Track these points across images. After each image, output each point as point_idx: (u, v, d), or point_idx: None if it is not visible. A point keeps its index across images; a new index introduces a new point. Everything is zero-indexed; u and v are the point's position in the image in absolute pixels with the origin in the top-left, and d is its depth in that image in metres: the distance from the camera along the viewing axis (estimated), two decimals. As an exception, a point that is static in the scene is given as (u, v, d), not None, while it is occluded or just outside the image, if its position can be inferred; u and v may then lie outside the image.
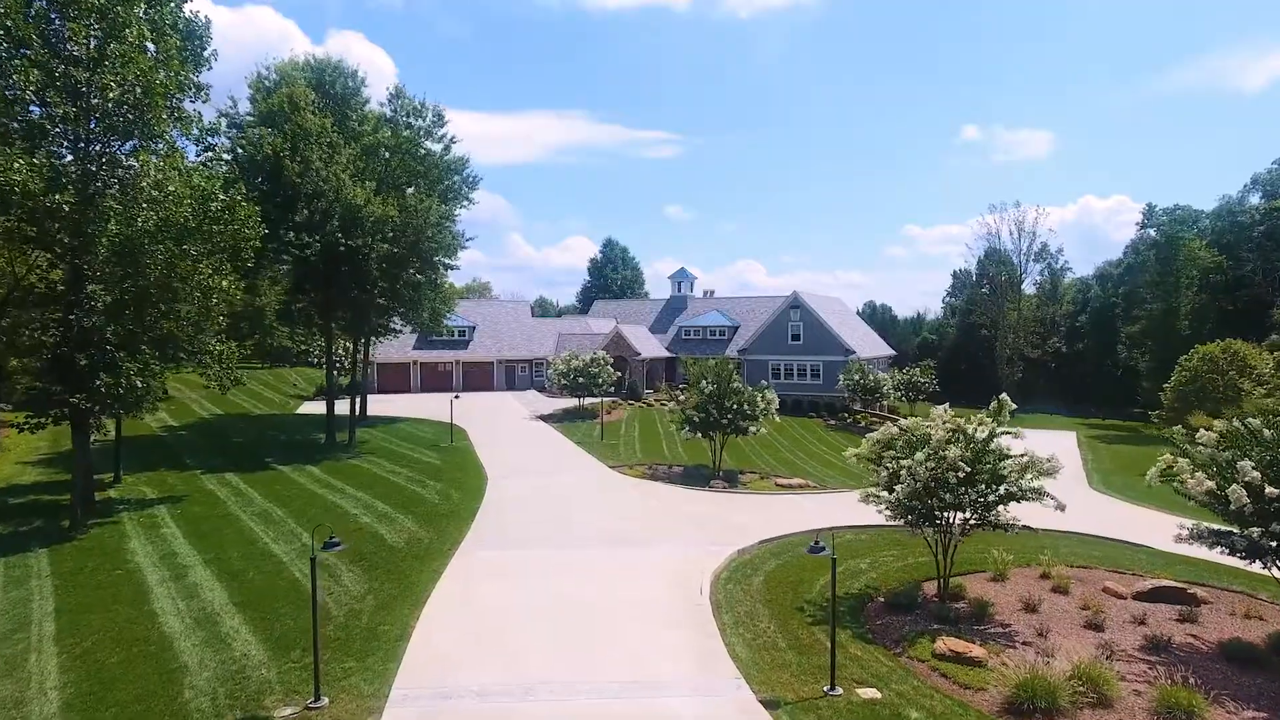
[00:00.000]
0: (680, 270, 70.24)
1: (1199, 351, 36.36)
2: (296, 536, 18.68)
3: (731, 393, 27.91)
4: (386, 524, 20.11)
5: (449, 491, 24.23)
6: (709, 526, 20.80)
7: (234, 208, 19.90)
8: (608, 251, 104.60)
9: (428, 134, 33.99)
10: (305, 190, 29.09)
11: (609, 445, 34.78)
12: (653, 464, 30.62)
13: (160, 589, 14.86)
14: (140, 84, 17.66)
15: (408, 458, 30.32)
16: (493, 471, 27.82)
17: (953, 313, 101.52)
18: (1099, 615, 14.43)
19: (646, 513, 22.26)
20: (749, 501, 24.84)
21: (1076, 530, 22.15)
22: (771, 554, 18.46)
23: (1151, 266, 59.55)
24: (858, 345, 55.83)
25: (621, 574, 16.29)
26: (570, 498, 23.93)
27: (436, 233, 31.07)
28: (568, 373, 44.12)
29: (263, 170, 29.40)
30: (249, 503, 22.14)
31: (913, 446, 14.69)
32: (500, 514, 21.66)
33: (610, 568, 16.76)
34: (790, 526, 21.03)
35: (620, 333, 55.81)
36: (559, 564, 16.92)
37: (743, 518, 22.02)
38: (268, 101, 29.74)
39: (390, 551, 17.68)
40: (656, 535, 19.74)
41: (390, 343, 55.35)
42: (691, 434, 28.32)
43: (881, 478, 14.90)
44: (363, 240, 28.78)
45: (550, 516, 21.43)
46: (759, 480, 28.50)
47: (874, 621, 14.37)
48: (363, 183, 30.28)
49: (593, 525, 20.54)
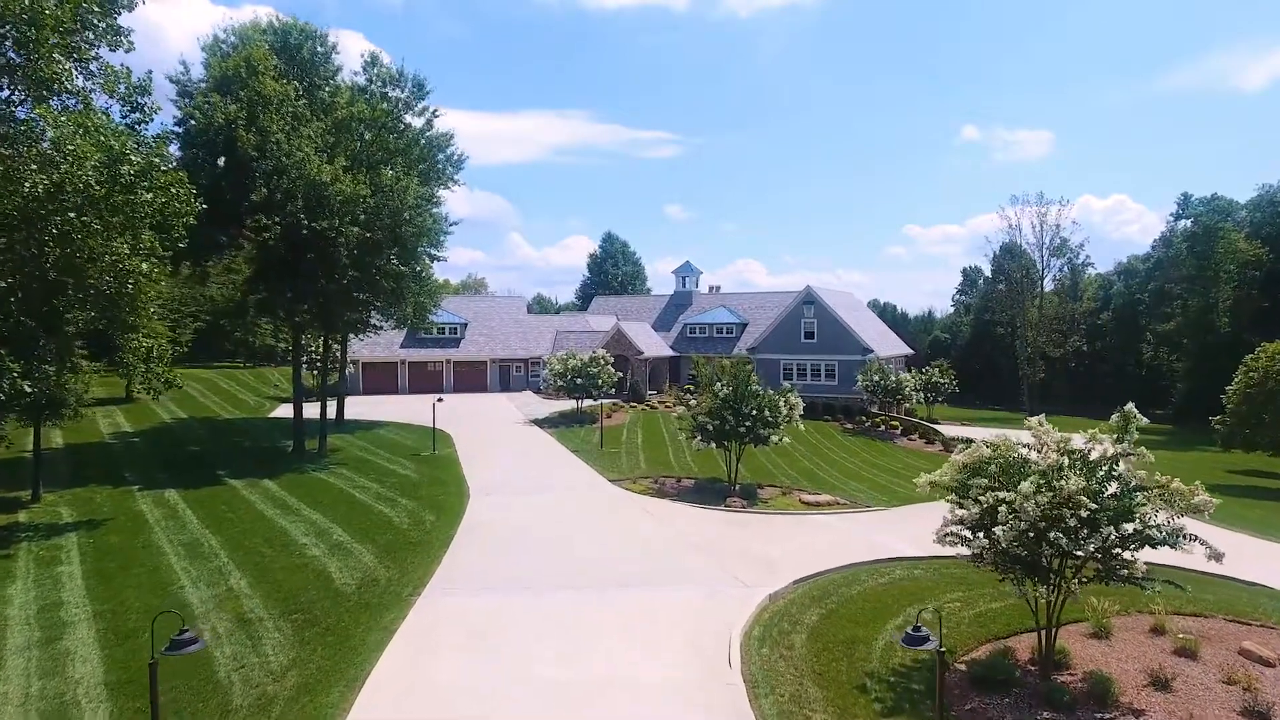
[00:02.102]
0: (685, 264, 66.56)
1: (1267, 350, 32.79)
2: (222, 578, 15.12)
3: (749, 396, 24.36)
4: (340, 558, 16.56)
5: (421, 514, 20.68)
6: (729, 559, 17.24)
7: (151, 171, 16.30)
8: (607, 246, 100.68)
9: (407, 106, 30.41)
10: (265, 166, 25.56)
11: (609, 454, 31.24)
12: (658, 476, 27.07)
13: (16, 660, 11.31)
14: (24, 12, 14.10)
15: (382, 470, 26.77)
16: (476, 487, 24.28)
17: (966, 310, 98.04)
18: (1254, 694, 10.87)
19: (653, 541, 18.68)
20: (772, 524, 21.27)
21: (1162, 561, 18.58)
22: (811, 599, 14.91)
23: (1187, 260, 55.88)
24: (875, 343, 52.22)
25: (624, 634, 12.73)
26: (563, 521, 20.38)
27: (416, 215, 27.51)
28: (564, 373, 40.52)
29: (215, 144, 25.87)
30: (180, 529, 18.58)
31: (1011, 473, 11.12)
32: (478, 543, 18.11)
33: (610, 624, 13.19)
34: (827, 558, 17.48)
35: (621, 330, 52.25)
36: (545, 617, 13.36)
37: (768, 546, 18.45)
38: (223, 65, 26.17)
39: (336, 599, 14.13)
40: (667, 572, 16.19)
41: (376, 340, 51.86)
42: (704, 444, 24.74)
43: (969, 514, 11.29)
44: (329, 222, 25.22)
45: (538, 546, 17.88)
46: (780, 496, 24.94)
47: (960, 706, 10.81)
48: (332, 159, 26.73)
49: (589, 558, 16.99)
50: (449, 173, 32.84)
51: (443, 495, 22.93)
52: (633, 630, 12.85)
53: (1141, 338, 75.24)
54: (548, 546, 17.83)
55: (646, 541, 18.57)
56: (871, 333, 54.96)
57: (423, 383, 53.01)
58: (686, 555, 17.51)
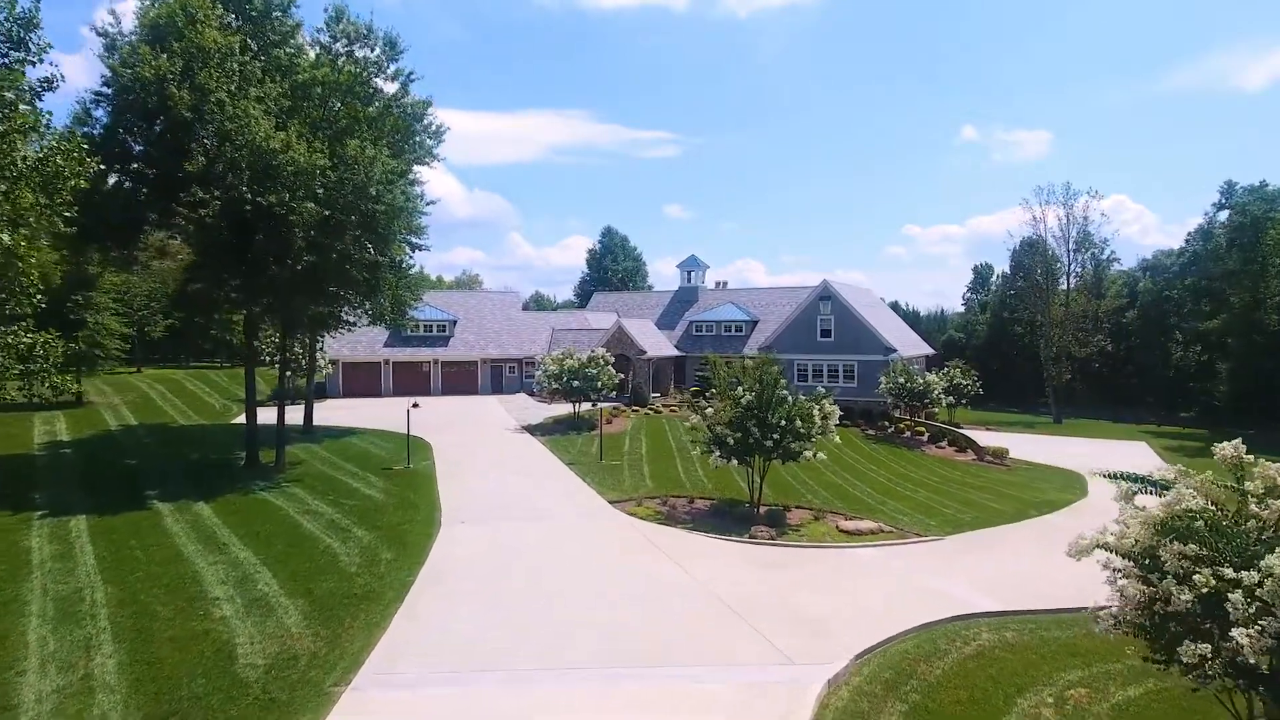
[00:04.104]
0: (690, 258, 62.50)
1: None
2: (86, 655, 11.18)
3: (777, 403, 20.45)
4: (256, 620, 12.62)
5: (378, 550, 16.75)
6: (766, 619, 13.31)
7: (12, 113, 12.36)
8: (607, 241, 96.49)
9: (378, 68, 26.43)
10: (205, 132, 21.63)
11: (609, 467, 27.30)
12: (667, 497, 23.14)
13: None
14: None
15: (343, 489, 22.84)
16: (451, 511, 20.37)
17: (982, 308, 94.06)
18: None
19: (667, 593, 14.73)
20: (810, 563, 17.33)
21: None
22: (883, 685, 10.99)
23: (1232, 253, 51.85)
24: (896, 343, 48.28)
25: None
26: (552, 562, 16.43)
27: (385, 192, 23.57)
28: (560, 374, 36.55)
29: (145, 106, 21.93)
30: (66, 575, 14.63)
31: (1233, 538, 7.18)
32: (442, 595, 14.18)
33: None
34: (890, 617, 13.57)
35: (623, 327, 48.28)
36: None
37: (813, 599, 14.52)
38: (156, 12, 22.22)
39: (230, 693, 10.19)
40: (688, 644, 12.25)
41: (357, 339, 47.95)
42: (723, 460, 20.79)
43: (1177, 601, 7.28)
44: (279, 197, 21.26)
45: (518, 600, 13.96)
46: (813, 522, 20.99)
47: None
48: (286, 125, 22.78)
49: (580, 621, 13.04)
50: (427, 145, 28.86)
51: (408, 524, 18.98)
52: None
53: (1170, 337, 71.30)
54: (531, 601, 13.89)
55: (658, 594, 14.64)
56: (892, 331, 51.03)
57: (408, 384, 49.06)
58: (710, 615, 13.57)
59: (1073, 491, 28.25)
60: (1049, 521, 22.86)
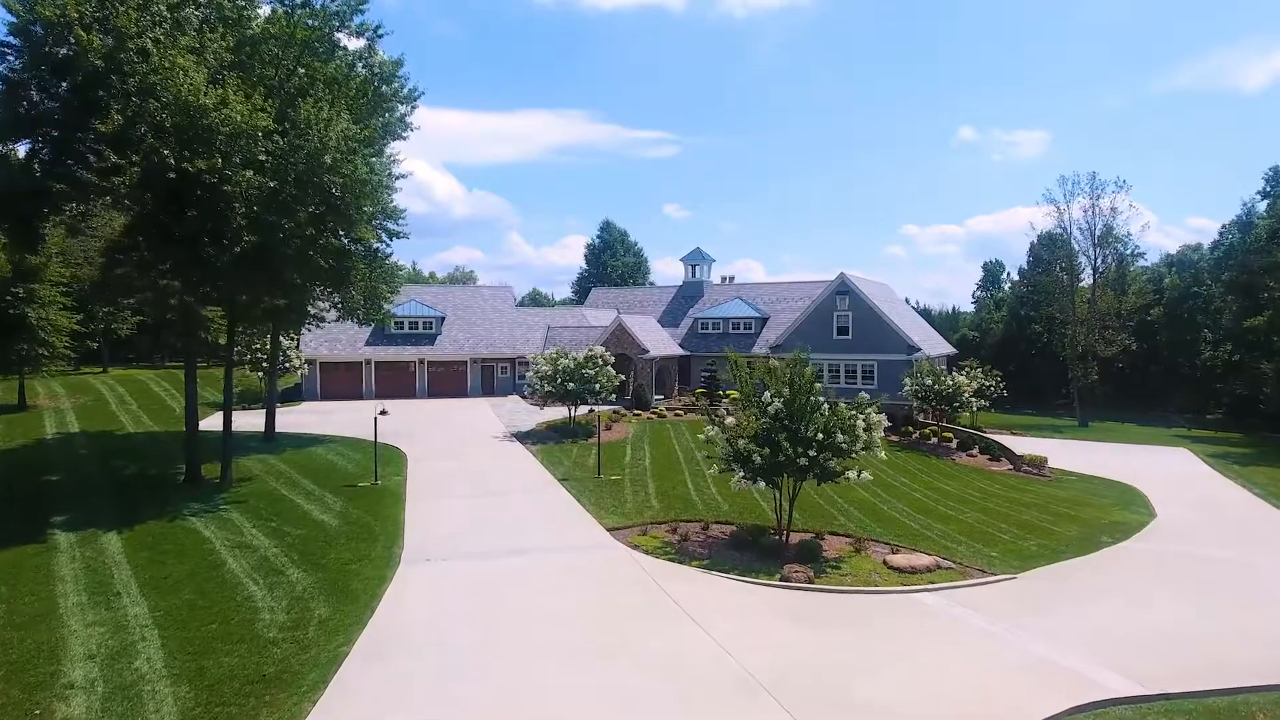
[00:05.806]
0: (695, 251, 58.76)
1: None
2: None
3: (812, 412, 16.82)
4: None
5: (311, 603, 13.08)
6: (809, 715, 9.65)
7: None
8: (606, 235, 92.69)
9: (340, 20, 22.73)
10: (126, 86, 17.95)
11: (609, 483, 23.65)
12: (677, 523, 19.49)
13: None
14: None
15: (293, 512, 19.20)
16: (415, 544, 16.71)
17: (996, 306, 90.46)
18: None
19: (682, 675, 11.01)
20: (861, 620, 13.63)
21: None
22: None
23: (1274, 245, 48.18)
24: (920, 341, 44.66)
25: None
26: (536, 623, 12.69)
27: (343, 162, 19.94)
28: (554, 375, 32.85)
29: (53, 56, 18.28)
30: (-116, 644, 11.01)
31: None
32: (381, 681, 10.50)
33: None
34: (987, 708, 9.91)
35: (623, 325, 44.62)
36: None
37: (873, 682, 10.81)
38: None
39: None
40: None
41: (336, 337, 44.34)
42: (748, 482, 17.11)
43: None
44: (209, 163, 17.60)
45: (480, 698, 10.29)
46: (853, 555, 17.35)
47: None
48: (224, 82, 19.11)
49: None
50: (399, 112, 25.12)
51: (358, 563, 15.32)
52: None
53: (1199, 335, 67.70)
54: (500, 698, 10.20)
55: (671, 678, 10.94)
56: (914, 329, 47.41)
57: (393, 386, 45.39)
58: (737, 710, 9.91)
59: (1137, 510, 24.56)
60: (1129, 550, 19.23)
